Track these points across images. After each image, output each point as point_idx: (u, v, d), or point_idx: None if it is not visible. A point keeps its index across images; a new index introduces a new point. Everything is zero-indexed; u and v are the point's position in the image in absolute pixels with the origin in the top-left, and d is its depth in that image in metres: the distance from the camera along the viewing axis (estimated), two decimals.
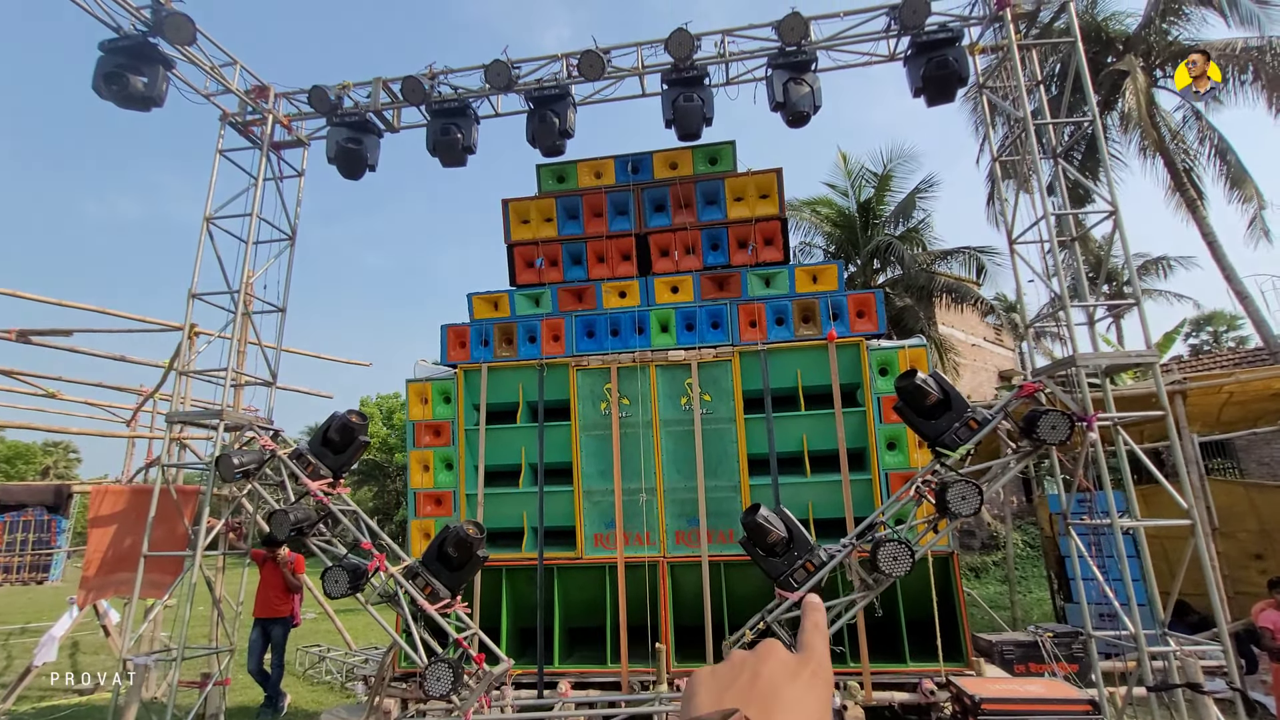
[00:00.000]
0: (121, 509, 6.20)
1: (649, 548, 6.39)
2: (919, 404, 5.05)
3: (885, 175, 17.58)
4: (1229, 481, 10.51)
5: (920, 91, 5.87)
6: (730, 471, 6.43)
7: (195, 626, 7.14)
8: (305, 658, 9.34)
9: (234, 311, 6.21)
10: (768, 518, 4.97)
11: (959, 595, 5.93)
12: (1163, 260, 22.09)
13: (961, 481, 4.71)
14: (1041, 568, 13.62)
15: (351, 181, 6.64)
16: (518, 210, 7.41)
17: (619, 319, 6.89)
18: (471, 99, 6.48)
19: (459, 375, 6.95)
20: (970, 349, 21.66)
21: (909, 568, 4.66)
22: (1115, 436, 5.13)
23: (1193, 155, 14.40)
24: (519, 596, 6.67)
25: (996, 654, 6.62)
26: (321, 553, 5.55)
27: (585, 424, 6.72)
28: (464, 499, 6.74)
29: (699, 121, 6.06)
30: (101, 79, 5.39)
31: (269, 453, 5.72)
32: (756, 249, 6.96)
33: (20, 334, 9.22)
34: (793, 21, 5.84)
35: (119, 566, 6.06)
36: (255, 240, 6.33)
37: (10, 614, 15.71)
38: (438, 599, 5.31)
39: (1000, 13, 5.75)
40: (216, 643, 5.98)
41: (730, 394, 6.55)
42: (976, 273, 16.75)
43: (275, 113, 6.63)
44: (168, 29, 5.46)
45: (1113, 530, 4.86)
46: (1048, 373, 5.34)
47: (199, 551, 5.56)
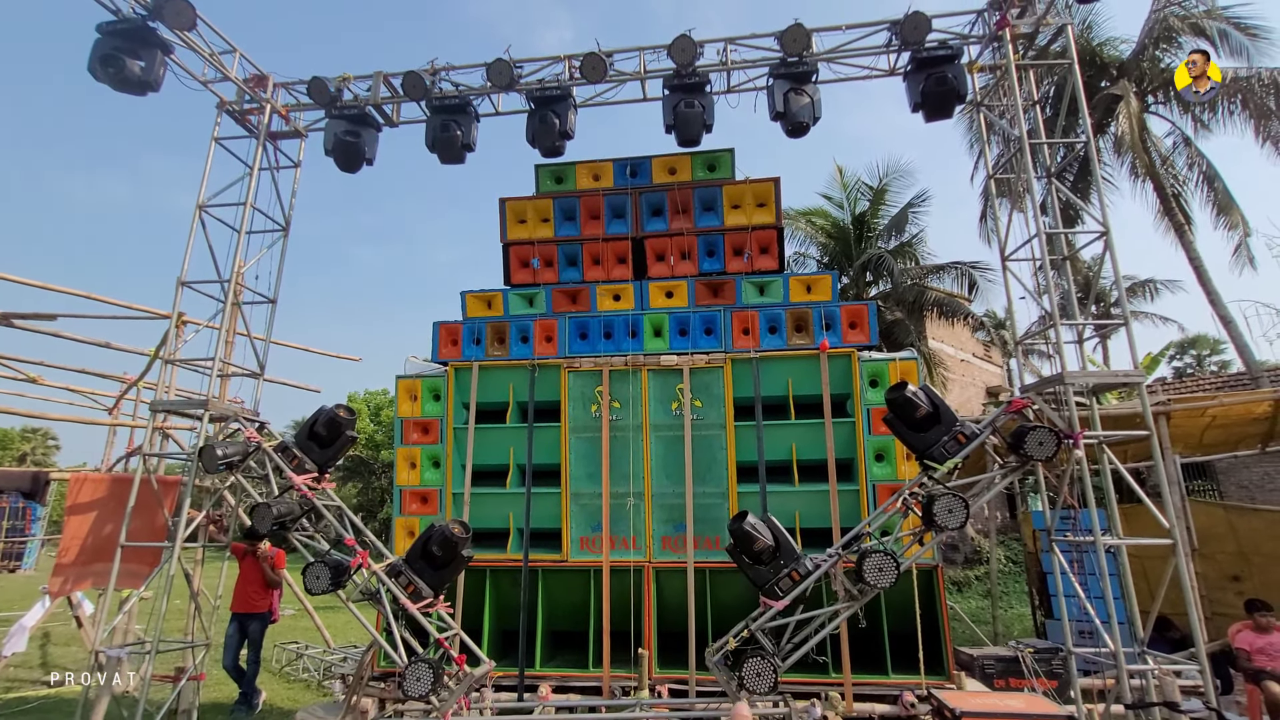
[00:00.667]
0: (100, 497, 6.09)
1: (635, 552, 6.37)
2: (908, 416, 5.08)
3: (880, 189, 17.75)
4: (1209, 503, 10.65)
5: (919, 107, 5.92)
6: (719, 478, 6.43)
7: (171, 620, 7.01)
8: (283, 654, 9.21)
9: (223, 301, 6.15)
10: (755, 525, 4.97)
11: (942, 609, 5.94)
12: (1150, 283, 22.43)
13: (948, 495, 4.73)
14: (1023, 583, 13.72)
15: (348, 174, 6.59)
16: (515, 210, 7.39)
17: (612, 322, 6.88)
18: (472, 96, 6.47)
19: (449, 373, 6.91)
20: (959, 364, 21.85)
21: (894, 580, 4.66)
22: (1100, 455, 5.18)
23: (1181, 180, 14.64)
24: (502, 598, 6.61)
25: (977, 668, 6.64)
26: (304, 548, 5.49)
27: (575, 426, 6.69)
28: (450, 498, 6.68)
29: (699, 128, 6.08)
30: (98, 61, 5.32)
31: (253, 445, 5.65)
32: (752, 257, 6.98)
33: (3, 317, 9.06)
34: (795, 33, 5.88)
35: (95, 556, 5.94)
36: (248, 230, 6.27)
37: None
38: (420, 598, 5.25)
39: (999, 33, 5.82)
40: (192, 637, 5.89)
41: (721, 400, 6.55)
42: (968, 288, 16.91)
43: (274, 102, 6.58)
44: (167, 13, 5.41)
45: (1095, 547, 4.90)
46: (1036, 389, 5.38)
47: (178, 543, 5.48)
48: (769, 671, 4.62)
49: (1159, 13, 13.81)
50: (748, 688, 4.61)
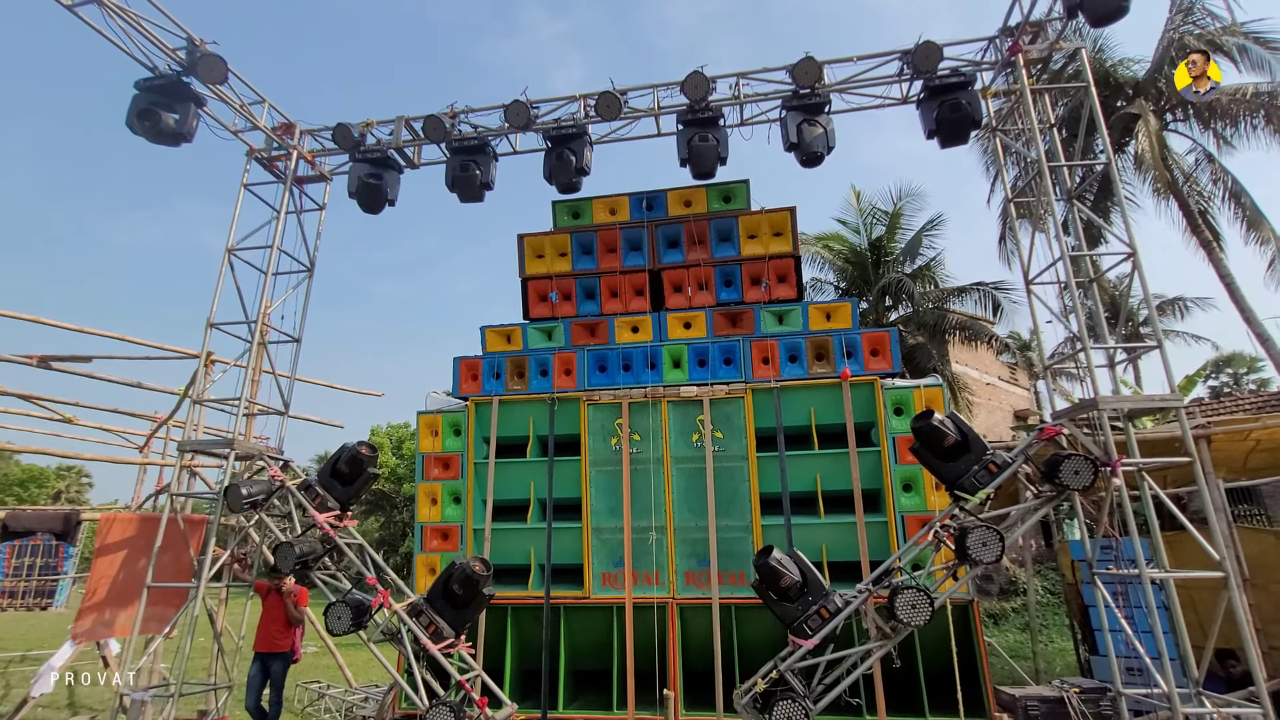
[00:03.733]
0: (129, 536, 6.16)
1: (658, 588, 6.24)
2: (936, 446, 4.95)
3: (895, 213, 17.70)
4: (1258, 530, 10.14)
5: (934, 133, 5.92)
6: (742, 511, 6.31)
7: (194, 659, 7.01)
8: (304, 694, 9.11)
9: (250, 341, 6.27)
10: (781, 561, 4.85)
11: (980, 646, 5.71)
12: (1179, 301, 21.89)
13: (982, 527, 4.57)
14: (1063, 615, 13.13)
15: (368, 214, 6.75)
16: (533, 245, 7.50)
17: (631, 354, 6.88)
18: (491, 137, 6.62)
19: (470, 408, 6.94)
20: (985, 388, 21.41)
21: (928, 617, 4.50)
22: (1140, 482, 4.98)
23: (1207, 197, 14.38)
24: (524, 636, 6.50)
25: (1020, 710, 6.32)
26: (325, 586, 5.47)
27: (595, 459, 6.65)
28: (470, 534, 6.64)
29: (714, 161, 6.14)
30: (135, 116, 5.57)
31: (277, 483, 5.69)
32: (770, 286, 6.97)
33: (41, 359, 9.35)
34: (807, 65, 5.95)
35: (123, 598, 5.98)
36: (275, 271, 6.43)
37: (12, 641, 15.55)
38: (441, 638, 5.19)
39: (1012, 58, 5.83)
40: (215, 678, 5.86)
41: (742, 431, 6.47)
42: (992, 310, 16.64)
43: (300, 148, 6.81)
44: (201, 69, 5.66)
45: (1141, 580, 4.68)
46: (1069, 415, 5.23)
47: (202, 582, 5.50)
48: (800, 715, 4.45)
49: (1173, 32, 13.76)
50: None
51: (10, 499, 37.35)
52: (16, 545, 23.71)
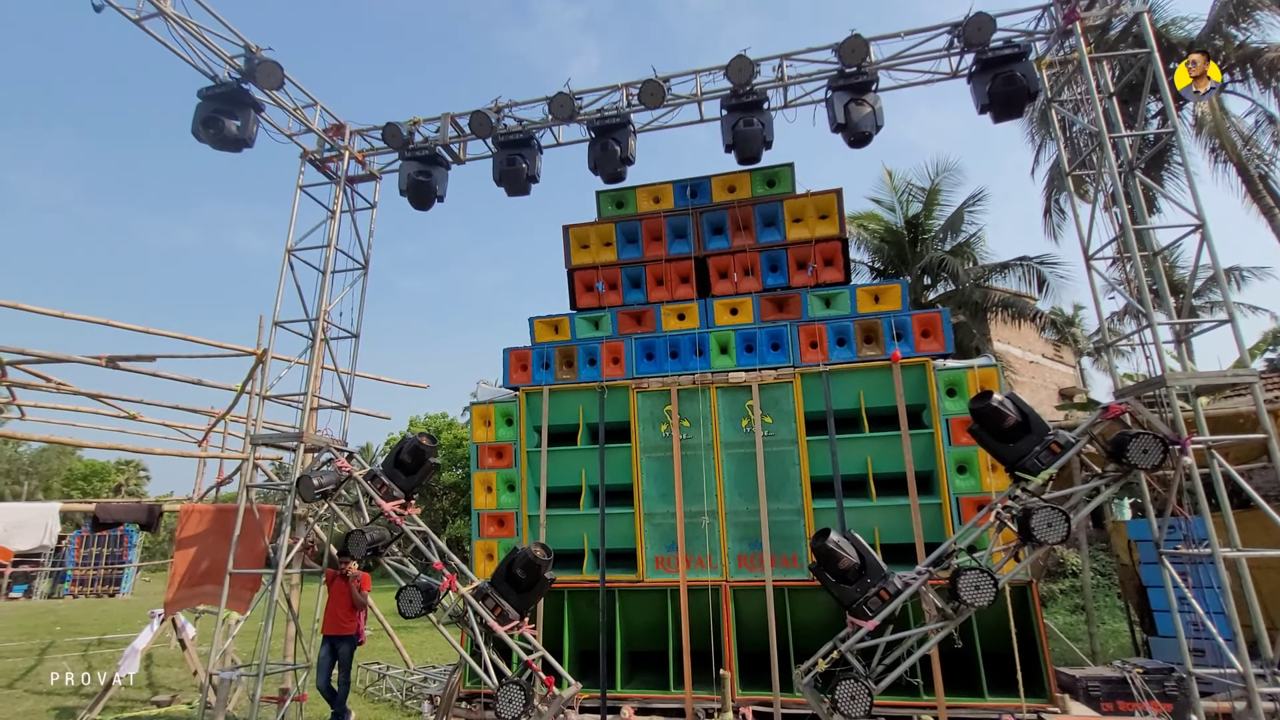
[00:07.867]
0: (207, 528, 6.50)
1: (711, 571, 6.33)
2: (996, 427, 4.91)
3: (932, 189, 17.29)
4: None
5: (986, 108, 5.78)
6: (793, 494, 6.35)
7: (270, 641, 7.37)
8: (366, 675, 9.52)
9: (312, 337, 6.50)
10: (839, 543, 4.88)
11: (1039, 626, 5.67)
12: (1234, 270, 20.95)
13: (1048, 508, 4.53)
14: (1114, 597, 12.89)
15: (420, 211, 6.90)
16: (578, 236, 7.57)
17: (678, 341, 6.93)
18: (535, 130, 6.69)
19: (520, 398, 7.09)
20: (1028, 366, 20.90)
21: (992, 598, 4.49)
22: (1209, 460, 4.86)
23: (1267, 161, 13.72)
24: (581, 618, 6.67)
25: (1081, 690, 6.27)
26: (395, 572, 5.70)
27: (646, 446, 6.74)
28: (526, 520, 6.82)
29: (759, 145, 6.11)
30: (200, 124, 5.79)
31: (345, 474, 5.93)
32: (816, 270, 6.92)
33: (109, 360, 9.83)
34: (853, 44, 5.86)
35: (205, 579, 6.34)
36: (332, 270, 6.64)
37: (87, 625, 16.51)
38: (507, 620, 5.37)
39: (1069, 26, 5.64)
40: (294, 659, 6.17)
41: (792, 416, 6.48)
42: (1037, 286, 16.18)
43: (351, 149, 6.98)
44: (259, 75, 5.84)
45: (1214, 560, 4.59)
46: (1134, 393, 5.11)
47: (279, 569, 5.78)
48: (863, 695, 4.50)
49: None
50: (842, 711, 4.50)
51: (75, 492, 39.38)
52: (84, 536, 25.05)
